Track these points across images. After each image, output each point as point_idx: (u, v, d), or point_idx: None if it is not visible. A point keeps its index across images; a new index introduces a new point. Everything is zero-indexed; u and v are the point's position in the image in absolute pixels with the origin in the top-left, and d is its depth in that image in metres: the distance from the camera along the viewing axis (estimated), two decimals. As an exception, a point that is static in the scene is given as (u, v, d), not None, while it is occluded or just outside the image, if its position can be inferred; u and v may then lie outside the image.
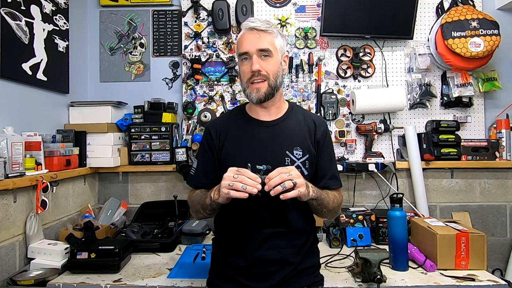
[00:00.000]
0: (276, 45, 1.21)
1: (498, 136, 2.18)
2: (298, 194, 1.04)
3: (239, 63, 1.25)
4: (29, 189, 1.59)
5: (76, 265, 1.52)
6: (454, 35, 2.04)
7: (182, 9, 2.30)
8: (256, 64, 1.17)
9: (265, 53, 1.18)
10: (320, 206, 1.19)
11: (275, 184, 1.02)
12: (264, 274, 1.18)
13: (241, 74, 1.24)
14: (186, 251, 1.80)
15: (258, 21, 1.20)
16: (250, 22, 1.20)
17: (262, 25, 1.19)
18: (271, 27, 1.21)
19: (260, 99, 1.20)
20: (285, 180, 1.03)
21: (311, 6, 2.28)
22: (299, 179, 1.06)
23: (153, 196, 2.27)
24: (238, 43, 1.24)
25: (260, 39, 1.18)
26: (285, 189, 1.02)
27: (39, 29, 1.80)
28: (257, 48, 1.18)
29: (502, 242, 2.19)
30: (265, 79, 1.19)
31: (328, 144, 1.30)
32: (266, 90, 1.19)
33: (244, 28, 1.22)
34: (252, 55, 1.18)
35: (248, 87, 1.21)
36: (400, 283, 1.40)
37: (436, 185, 2.22)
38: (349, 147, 2.23)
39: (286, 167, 1.08)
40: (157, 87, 2.33)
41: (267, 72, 1.18)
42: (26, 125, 1.71)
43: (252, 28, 1.19)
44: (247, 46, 1.19)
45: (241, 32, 1.24)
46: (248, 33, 1.20)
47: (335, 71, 2.27)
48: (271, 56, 1.20)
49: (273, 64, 1.20)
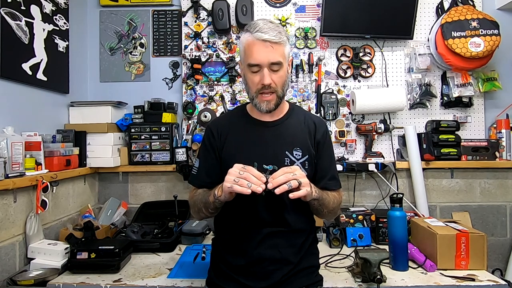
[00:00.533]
0: (285, 55, 1.19)
1: (498, 136, 2.18)
2: (306, 193, 1.05)
3: (246, 70, 1.20)
4: (29, 189, 1.59)
5: (76, 265, 1.52)
6: (454, 35, 2.04)
7: (182, 9, 2.30)
8: (268, 78, 1.15)
9: (276, 67, 1.16)
10: (321, 206, 1.20)
11: (280, 183, 1.02)
12: (263, 273, 1.18)
13: (248, 82, 1.21)
14: (186, 251, 1.80)
15: (271, 31, 1.14)
16: (263, 34, 1.13)
17: (275, 37, 1.14)
18: (282, 36, 1.17)
19: (270, 110, 1.20)
20: (290, 179, 1.03)
21: (311, 6, 2.28)
22: (304, 178, 1.06)
23: (153, 196, 2.27)
24: (247, 50, 1.18)
25: (273, 52, 1.15)
26: (291, 188, 1.03)
27: (39, 29, 1.80)
28: (269, 61, 1.15)
29: (502, 242, 2.19)
30: (274, 91, 1.18)
31: (328, 145, 1.31)
32: (275, 101, 1.20)
33: (255, 38, 1.15)
34: (264, 68, 1.15)
35: (257, 97, 1.19)
36: (400, 283, 1.40)
37: (436, 185, 2.22)
38: (349, 147, 2.23)
39: (290, 167, 1.08)
40: (157, 87, 2.33)
41: (276, 85, 1.18)
42: (26, 125, 1.71)
43: (265, 40, 1.14)
44: (259, 58, 1.15)
45: (249, 37, 1.17)
46: (260, 43, 1.15)
47: (335, 71, 2.27)
48: (281, 67, 1.18)
49: (283, 75, 1.19)
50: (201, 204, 1.22)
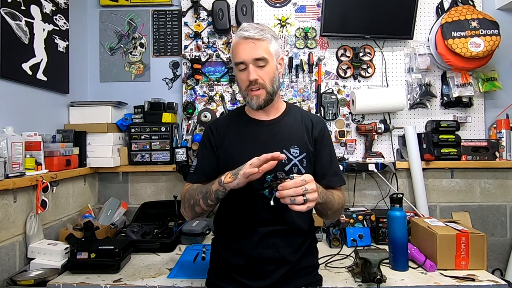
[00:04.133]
0: (271, 51, 1.22)
1: (498, 136, 2.18)
2: (306, 209, 1.03)
3: (235, 71, 1.25)
4: (29, 189, 1.59)
5: (76, 265, 1.51)
6: (454, 35, 2.04)
7: (182, 9, 2.30)
8: (253, 73, 1.18)
9: (260, 63, 1.19)
10: (325, 209, 1.19)
11: (286, 196, 1.01)
12: (262, 273, 1.18)
13: (238, 82, 1.26)
14: (186, 251, 1.80)
15: (252, 29, 1.19)
16: (244, 31, 1.20)
17: (257, 34, 1.18)
18: (265, 33, 1.20)
19: (260, 105, 1.22)
20: (298, 194, 1.00)
21: (311, 6, 2.28)
22: (312, 194, 1.03)
23: (153, 196, 2.27)
24: (233, 52, 1.24)
25: (256, 48, 1.18)
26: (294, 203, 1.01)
27: (39, 29, 1.80)
28: (252, 57, 1.18)
29: (502, 242, 2.19)
30: (262, 87, 1.20)
31: (327, 142, 1.31)
32: (265, 97, 1.21)
33: (238, 37, 1.21)
34: (248, 64, 1.19)
35: (248, 95, 1.23)
36: (400, 283, 1.40)
37: (436, 185, 2.22)
38: (349, 147, 2.23)
39: (305, 178, 1.03)
40: (157, 87, 2.33)
41: (264, 80, 1.20)
42: (26, 125, 1.71)
43: (247, 38, 1.19)
44: (243, 55, 1.19)
45: (235, 38, 1.24)
46: (242, 42, 1.20)
47: (335, 71, 2.27)
48: (267, 63, 1.20)
49: (269, 71, 1.21)
50: (199, 195, 1.17)
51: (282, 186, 1.02)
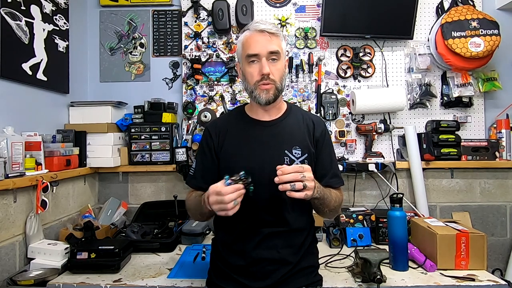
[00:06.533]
0: (282, 48, 1.22)
1: (498, 136, 2.18)
2: (304, 197, 1.05)
3: (244, 64, 1.22)
4: (29, 189, 1.59)
5: (76, 265, 1.51)
6: (454, 35, 2.04)
7: (182, 9, 2.30)
8: (267, 67, 1.17)
9: (274, 56, 1.19)
10: (322, 205, 1.19)
11: (286, 180, 1.03)
12: (262, 273, 1.18)
13: (247, 76, 1.22)
14: (186, 251, 1.80)
15: (267, 24, 1.20)
16: (261, 24, 1.19)
17: (272, 28, 1.19)
18: (278, 30, 1.22)
19: (269, 100, 1.20)
20: (297, 180, 1.03)
21: (311, 6, 2.28)
22: (311, 182, 1.06)
23: (153, 196, 2.27)
24: (245, 44, 1.21)
25: (271, 41, 1.18)
26: (294, 189, 1.03)
27: (39, 29, 1.80)
28: (268, 50, 1.18)
29: (502, 242, 2.19)
30: (273, 83, 1.19)
31: (328, 143, 1.31)
32: (274, 92, 1.20)
33: (253, 30, 1.20)
34: (262, 57, 1.18)
35: (257, 89, 1.20)
36: (400, 283, 1.40)
37: (436, 185, 2.22)
38: (349, 147, 2.23)
39: (303, 166, 1.07)
40: (157, 87, 2.33)
41: (274, 76, 1.19)
42: (26, 125, 1.71)
43: (263, 30, 1.18)
44: (258, 48, 1.18)
45: (246, 32, 1.22)
46: (257, 35, 1.19)
47: (335, 71, 2.27)
48: (279, 59, 1.20)
49: (280, 68, 1.21)
50: (195, 208, 1.23)
51: (282, 170, 1.04)
